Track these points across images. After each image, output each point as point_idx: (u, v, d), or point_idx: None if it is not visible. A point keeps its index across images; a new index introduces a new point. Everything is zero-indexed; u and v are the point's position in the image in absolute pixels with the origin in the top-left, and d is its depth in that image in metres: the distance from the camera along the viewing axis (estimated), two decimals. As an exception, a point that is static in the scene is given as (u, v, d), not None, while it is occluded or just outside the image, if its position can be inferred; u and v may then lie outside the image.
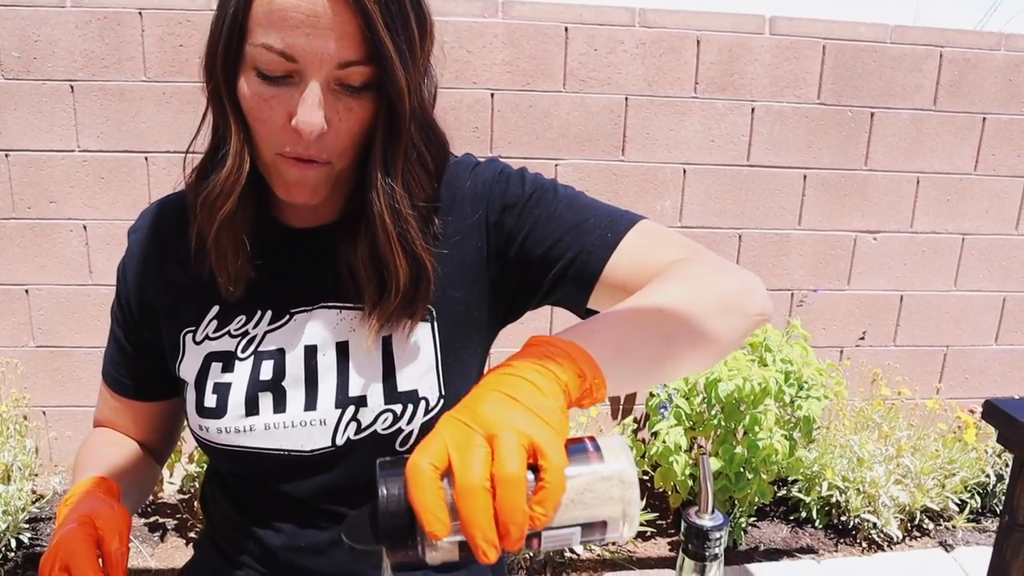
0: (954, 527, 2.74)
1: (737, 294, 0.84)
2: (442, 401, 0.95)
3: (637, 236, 0.92)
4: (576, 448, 0.59)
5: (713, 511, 0.69)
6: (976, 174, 3.06)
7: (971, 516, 2.79)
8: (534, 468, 0.55)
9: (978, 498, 2.82)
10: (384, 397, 0.93)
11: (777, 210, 2.97)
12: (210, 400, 0.95)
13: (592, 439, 0.61)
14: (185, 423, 1.03)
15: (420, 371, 0.95)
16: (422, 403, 0.94)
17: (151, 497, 2.71)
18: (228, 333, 0.96)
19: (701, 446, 2.67)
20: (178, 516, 2.69)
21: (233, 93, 0.83)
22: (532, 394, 0.59)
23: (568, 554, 2.44)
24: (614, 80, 2.76)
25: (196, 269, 0.94)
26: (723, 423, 2.46)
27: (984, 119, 3.01)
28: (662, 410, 2.49)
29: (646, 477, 2.68)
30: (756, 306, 0.85)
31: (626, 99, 2.78)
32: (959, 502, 2.77)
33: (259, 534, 1.02)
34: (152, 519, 2.66)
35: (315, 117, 0.79)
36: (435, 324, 0.96)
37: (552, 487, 0.55)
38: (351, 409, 0.94)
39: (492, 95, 2.72)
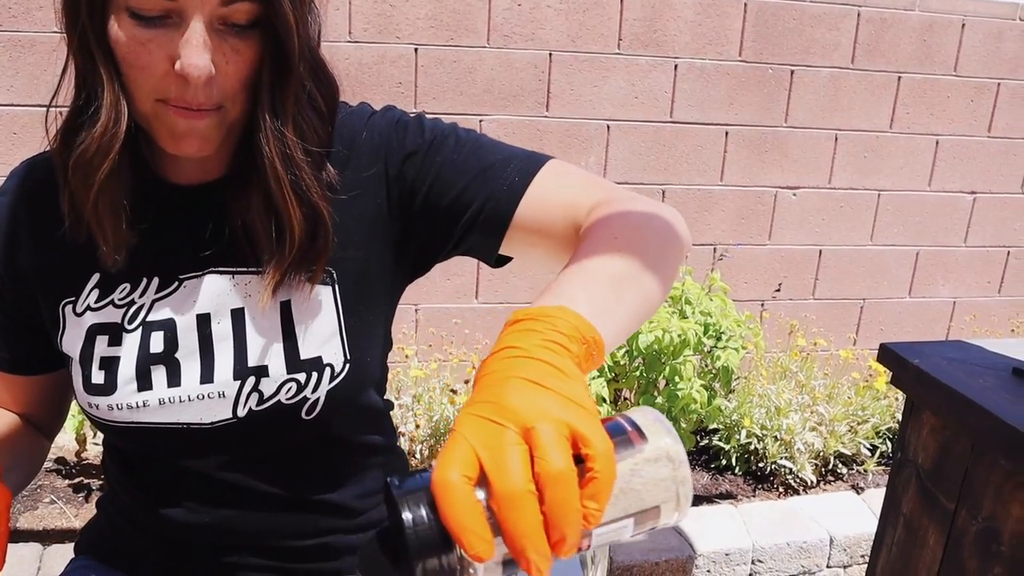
0: (865, 471, 2.86)
1: (671, 226, 0.85)
2: (348, 366, 0.92)
3: (546, 177, 0.90)
4: (612, 429, 0.53)
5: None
6: (891, 132, 3.15)
7: (881, 460, 2.91)
8: (577, 459, 0.49)
9: (888, 443, 2.94)
10: (286, 366, 0.90)
11: (700, 166, 3.02)
12: (97, 376, 0.89)
13: (626, 417, 0.55)
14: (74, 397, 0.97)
15: (323, 336, 0.91)
16: (327, 370, 0.91)
17: (75, 458, 2.68)
18: (112, 303, 0.90)
19: (627, 398, 2.73)
20: (103, 477, 2.67)
21: (103, 39, 0.75)
22: (556, 377, 0.54)
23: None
24: (538, 36, 2.77)
25: (72, 235, 0.86)
26: (644, 374, 2.52)
27: (899, 78, 3.09)
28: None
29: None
30: (686, 233, 0.87)
31: (550, 55, 2.79)
32: (870, 447, 2.88)
33: (159, 506, 0.98)
34: (77, 480, 2.63)
35: (201, 60, 0.74)
36: (335, 287, 0.92)
37: (604, 477, 0.49)
38: (251, 380, 0.89)
39: (416, 50, 2.70)
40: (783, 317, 3.19)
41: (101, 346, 0.90)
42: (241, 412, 0.90)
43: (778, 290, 3.20)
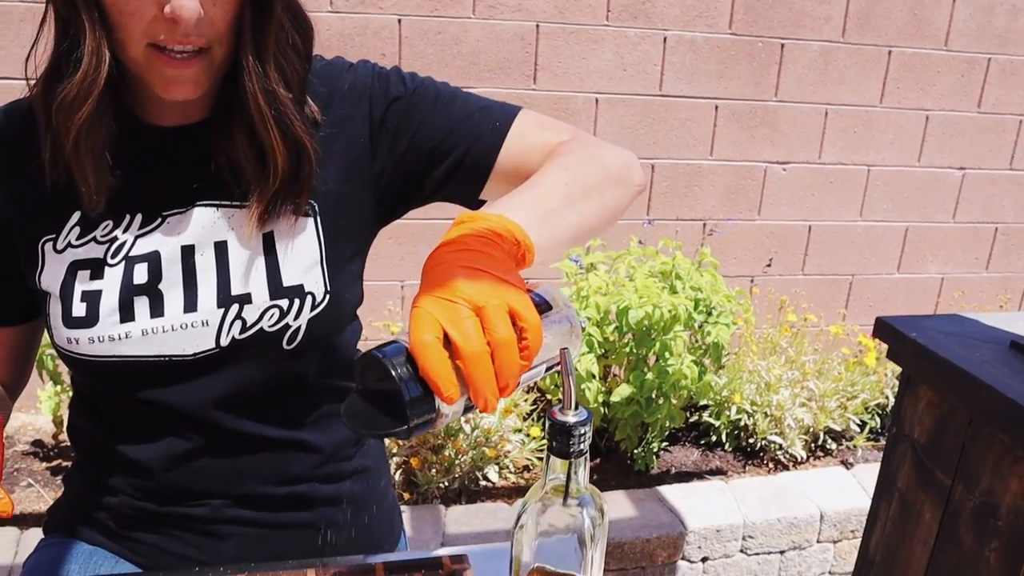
0: (855, 447, 2.86)
1: (623, 167, 0.94)
2: (328, 297, 0.95)
3: (523, 123, 0.97)
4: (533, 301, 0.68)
5: (577, 407, 0.68)
6: (882, 107, 3.12)
7: (871, 436, 2.91)
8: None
9: (877, 419, 2.93)
10: (269, 292, 0.93)
11: (689, 140, 2.98)
12: (79, 309, 0.90)
13: (536, 293, 0.70)
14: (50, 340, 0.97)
15: (305, 266, 0.94)
16: (308, 298, 0.94)
17: (52, 441, 2.63)
18: (94, 240, 0.92)
19: (616, 375, 2.70)
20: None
21: None
22: (493, 263, 0.66)
23: (483, 482, 2.46)
24: (525, 6, 2.71)
25: (52, 177, 0.88)
26: (634, 350, 2.49)
27: (890, 52, 3.06)
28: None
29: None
30: (637, 177, 0.96)
31: (537, 26, 2.74)
32: (860, 423, 2.88)
33: (132, 454, 0.99)
34: (55, 462, 2.58)
35: (191, 1, 0.77)
36: (318, 219, 0.96)
37: (533, 342, 0.64)
38: (235, 307, 0.92)
39: (399, 21, 2.64)
40: (773, 292, 3.18)
41: (83, 280, 0.91)
42: (224, 341, 0.92)
43: (768, 265, 3.17)
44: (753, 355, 2.82)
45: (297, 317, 0.93)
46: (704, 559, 2.35)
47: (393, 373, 0.61)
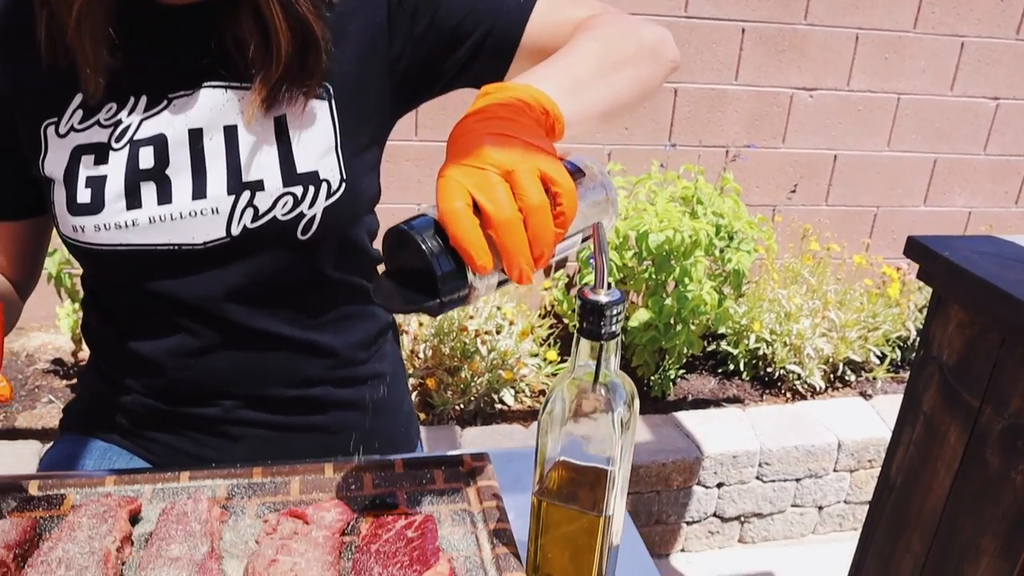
0: (874, 378, 2.83)
1: (657, 41, 0.89)
2: (344, 185, 0.92)
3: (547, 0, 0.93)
4: (567, 168, 0.65)
5: (609, 287, 0.65)
6: (915, 32, 3.01)
7: (890, 368, 2.88)
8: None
9: (898, 351, 2.90)
10: (282, 179, 0.89)
11: (714, 64, 2.90)
12: (83, 195, 0.87)
13: (569, 161, 0.68)
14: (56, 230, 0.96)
15: (319, 151, 0.91)
16: (323, 185, 0.90)
17: (72, 359, 2.64)
18: (98, 123, 0.88)
19: (634, 301, 2.68)
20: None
21: None
22: (522, 130, 0.63)
23: (498, 405, 2.46)
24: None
25: (52, 59, 0.85)
26: (653, 275, 2.46)
27: (925, -28, 2.95)
28: (591, 259, 2.47)
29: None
30: (671, 52, 0.92)
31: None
32: (880, 355, 2.85)
33: (142, 350, 0.97)
34: (74, 380, 2.60)
35: None
36: (332, 101, 0.92)
37: (568, 208, 0.61)
38: (246, 195, 0.89)
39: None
40: (796, 221, 3.12)
41: (87, 165, 0.88)
42: (235, 230, 0.89)
43: (793, 190, 3.11)
44: (774, 284, 2.78)
45: (312, 205, 0.90)
46: (719, 484, 2.35)
47: (423, 246, 0.59)
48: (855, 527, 2.55)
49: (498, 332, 2.40)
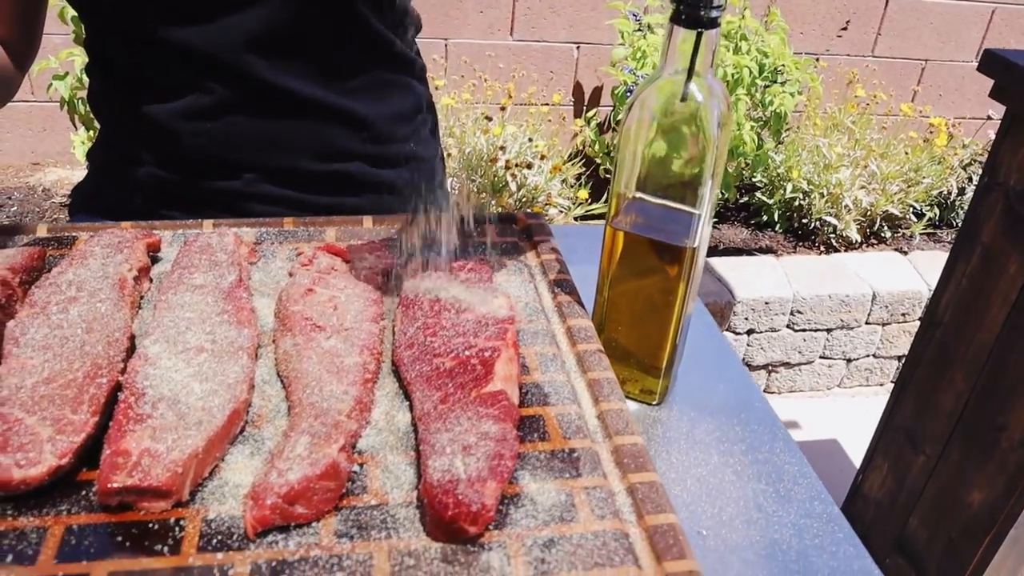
0: (912, 235, 2.73)
1: None
2: None
3: None
4: None
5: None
6: None
7: (928, 225, 2.77)
8: None
9: (937, 210, 2.79)
10: None
11: None
12: None
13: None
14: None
15: None
16: None
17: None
18: None
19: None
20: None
21: None
22: None
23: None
24: None
25: None
26: (691, 114, 2.33)
27: None
28: (629, 95, 2.34)
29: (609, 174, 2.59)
30: None
31: None
32: (919, 211, 2.73)
33: (153, 113, 0.88)
34: (87, 208, 2.52)
35: None
36: None
37: None
38: None
39: None
40: (841, 68, 2.94)
41: None
42: None
43: (844, 29, 2.92)
44: (816, 130, 2.64)
45: None
46: (750, 331, 2.28)
47: None
48: (881, 382, 2.50)
49: (528, 168, 2.29)
